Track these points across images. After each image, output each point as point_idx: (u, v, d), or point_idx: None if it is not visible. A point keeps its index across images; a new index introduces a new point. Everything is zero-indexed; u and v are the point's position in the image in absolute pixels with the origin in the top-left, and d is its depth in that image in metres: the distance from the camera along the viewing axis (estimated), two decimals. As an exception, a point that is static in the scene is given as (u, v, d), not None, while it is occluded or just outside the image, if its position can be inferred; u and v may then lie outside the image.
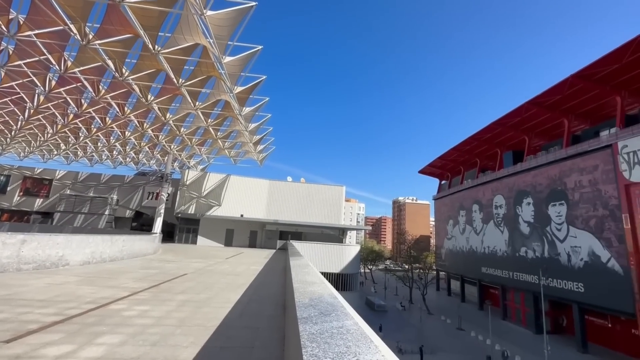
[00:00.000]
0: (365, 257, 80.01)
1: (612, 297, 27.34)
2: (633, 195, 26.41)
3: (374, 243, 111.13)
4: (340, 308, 2.30)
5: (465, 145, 53.58)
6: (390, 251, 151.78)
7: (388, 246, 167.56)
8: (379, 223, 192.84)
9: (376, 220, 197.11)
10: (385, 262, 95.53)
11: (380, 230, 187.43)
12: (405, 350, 28.85)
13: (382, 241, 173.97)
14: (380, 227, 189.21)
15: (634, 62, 27.36)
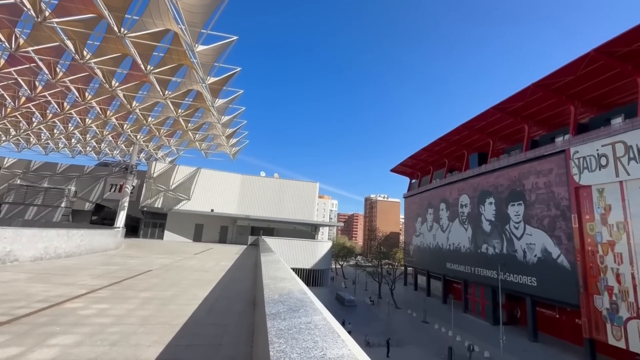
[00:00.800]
0: (337, 253, 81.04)
1: (560, 290, 29.80)
2: (581, 197, 28.84)
3: (346, 239, 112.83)
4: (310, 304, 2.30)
5: (435, 146, 55.65)
6: (361, 247, 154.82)
7: (359, 242, 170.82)
8: (351, 220, 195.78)
9: (348, 217, 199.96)
10: (356, 258, 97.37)
11: (352, 227, 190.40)
12: (373, 343, 29.66)
13: (354, 237, 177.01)
14: (352, 224, 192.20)
15: (586, 75, 29.72)
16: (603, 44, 26.58)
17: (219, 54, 17.81)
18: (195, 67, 18.31)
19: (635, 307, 23.66)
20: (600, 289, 26.34)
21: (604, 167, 26.83)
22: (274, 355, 1.34)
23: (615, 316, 25.00)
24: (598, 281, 26.56)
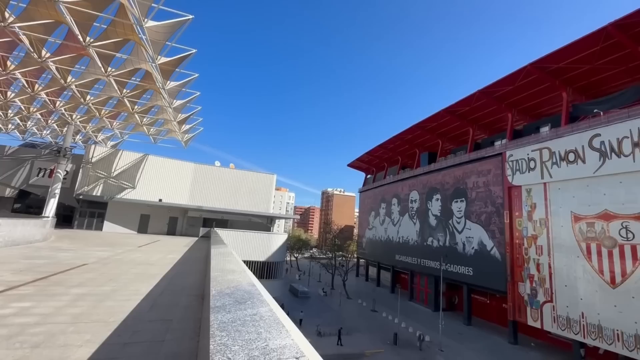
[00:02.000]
0: (292, 246, 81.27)
1: (492, 279, 33.21)
2: (513, 195, 32.25)
3: (302, 232, 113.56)
4: (257, 296, 2.26)
5: (390, 143, 58.06)
6: (316, 240, 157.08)
7: (315, 235, 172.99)
8: (307, 212, 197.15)
9: (305, 210, 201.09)
10: (311, 251, 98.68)
11: (308, 220, 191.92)
12: (324, 333, 30.44)
13: (310, 230, 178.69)
14: (308, 217, 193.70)
15: (522, 86, 33.02)
16: (537, 60, 29.67)
17: (171, 32, 16.54)
18: (144, 45, 16.82)
19: (550, 293, 27.28)
20: (523, 277, 29.87)
21: (532, 169, 30.24)
22: (214, 349, 1.29)
23: (534, 300, 28.59)
24: (522, 270, 30.08)
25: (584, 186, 25.98)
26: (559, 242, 27.28)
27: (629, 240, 22.69)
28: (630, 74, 27.50)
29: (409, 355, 26.57)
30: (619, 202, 23.56)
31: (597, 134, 25.29)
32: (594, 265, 24.55)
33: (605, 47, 25.89)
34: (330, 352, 26.17)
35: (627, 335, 21.93)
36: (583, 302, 24.82)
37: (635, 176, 22.86)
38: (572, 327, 25.26)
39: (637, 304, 21.71)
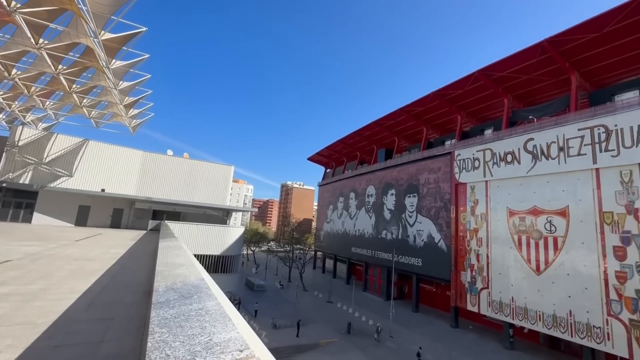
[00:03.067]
0: (249, 239, 79.83)
1: (438, 269, 35.78)
2: (459, 192, 34.87)
3: (259, 225, 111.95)
4: (205, 290, 2.18)
5: (349, 139, 59.27)
6: (274, 233, 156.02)
7: (273, 228, 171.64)
8: (266, 205, 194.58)
9: (264, 203, 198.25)
10: (269, 244, 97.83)
11: (266, 213, 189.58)
12: (280, 325, 30.53)
13: (268, 223, 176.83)
14: (267, 210, 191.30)
15: (471, 91, 35.59)
16: (484, 67, 32.11)
17: (117, 5, 15.04)
18: (84, 16, 15.09)
19: (487, 280, 30.17)
20: (465, 266, 32.62)
21: (477, 168, 32.92)
22: (152, 346, 1.21)
23: (473, 287, 31.41)
24: (465, 260, 32.82)
25: (519, 184, 28.95)
26: (496, 234, 30.18)
27: (552, 233, 25.85)
28: (559, 86, 30.99)
29: (361, 342, 27.74)
30: (546, 199, 26.66)
31: (531, 138, 28.25)
32: (523, 255, 27.59)
33: (540, 60, 28.82)
34: (286, 344, 26.37)
35: (547, 315, 25.11)
36: (513, 287, 27.84)
37: (559, 177, 26.00)
38: (504, 310, 28.26)
39: (555, 288, 24.90)
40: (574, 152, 25.09)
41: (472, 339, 29.92)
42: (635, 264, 20.98)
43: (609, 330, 21.57)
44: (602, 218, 22.99)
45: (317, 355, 24.69)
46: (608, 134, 23.26)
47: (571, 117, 26.19)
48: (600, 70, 28.35)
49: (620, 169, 22.47)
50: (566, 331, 23.83)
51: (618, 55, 26.42)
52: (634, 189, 21.67)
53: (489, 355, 26.21)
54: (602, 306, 22.13)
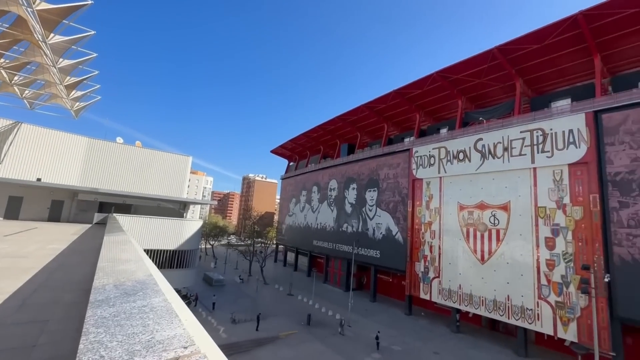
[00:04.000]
0: (208, 233, 77.13)
1: (395, 260, 37.51)
2: (416, 187, 36.67)
3: (219, 218, 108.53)
4: (152, 286, 2.05)
5: (313, 132, 59.36)
6: (235, 226, 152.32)
7: (234, 221, 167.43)
8: (226, 198, 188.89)
9: (224, 196, 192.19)
10: (229, 237, 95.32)
11: (227, 206, 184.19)
12: (239, 320, 30.05)
13: (228, 217, 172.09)
14: (227, 203, 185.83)
15: (429, 91, 37.35)
16: (443, 69, 33.81)
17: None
18: (16, -19, 13.26)
19: (438, 270, 32.28)
20: (419, 257, 34.57)
21: (432, 165, 34.81)
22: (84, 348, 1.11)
23: (426, 277, 33.45)
24: (419, 252, 34.76)
25: (468, 181, 31.17)
26: (448, 227, 32.32)
27: (495, 226, 28.29)
28: (506, 91, 33.69)
29: (321, 333, 28.31)
30: (491, 194, 29.04)
31: (480, 138, 30.48)
32: (470, 246, 29.90)
33: (490, 66, 31.04)
34: (245, 338, 26.05)
35: (488, 300, 27.58)
36: (461, 276, 30.12)
37: (503, 174, 28.43)
38: (452, 297, 30.51)
39: (497, 276, 27.39)
40: (516, 152, 27.55)
41: (423, 325, 31.96)
42: (562, 253, 23.76)
43: (539, 311, 24.29)
44: (537, 212, 25.64)
45: (276, 348, 24.74)
46: (545, 136, 25.85)
47: (515, 120, 28.68)
48: (540, 78, 31.30)
49: (553, 169, 25.15)
50: (504, 314, 26.39)
51: (555, 66, 29.33)
52: (564, 186, 24.41)
53: (437, 339, 28.21)
54: (534, 290, 24.81)
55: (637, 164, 21.32)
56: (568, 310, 22.75)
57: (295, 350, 24.44)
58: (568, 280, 23.12)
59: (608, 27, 24.39)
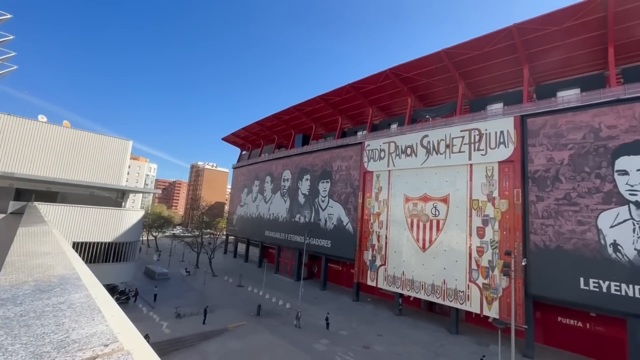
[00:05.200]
0: (151, 224, 71.97)
1: (345, 249, 38.81)
2: (367, 179, 38.08)
3: (164, 208, 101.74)
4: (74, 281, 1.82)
5: (268, 121, 58.10)
6: (182, 217, 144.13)
7: (180, 212, 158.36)
8: (172, 187, 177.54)
9: (170, 184, 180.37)
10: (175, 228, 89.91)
11: (172, 195, 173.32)
12: (185, 314, 28.72)
13: (174, 206, 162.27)
14: (173, 192, 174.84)
15: (382, 87, 38.70)
16: (395, 66, 35.19)
17: None
18: None
19: (384, 258, 34.17)
20: (368, 246, 36.20)
21: (382, 159, 36.37)
22: (-25, 354, 0.94)
23: (373, 264, 35.21)
24: (368, 241, 36.37)
25: (414, 175, 33.22)
26: (394, 217, 34.24)
27: (436, 216, 30.68)
28: (450, 92, 36.27)
29: (270, 322, 28.36)
30: (434, 188, 31.34)
31: (426, 134, 32.55)
32: (413, 235, 32.09)
33: (438, 67, 33.09)
34: (191, 332, 25.04)
35: (427, 284, 30.02)
36: (404, 263, 32.27)
37: (444, 169, 30.80)
38: (396, 283, 32.61)
39: (435, 262, 29.86)
40: (456, 149, 29.98)
41: (369, 310, 33.75)
42: (490, 241, 26.68)
43: (469, 293, 27.12)
44: (471, 204, 28.34)
45: (224, 340, 24.23)
46: (480, 136, 28.49)
47: (456, 120, 31.11)
48: (479, 82, 34.23)
49: (486, 166, 27.92)
50: (440, 296, 28.98)
51: (492, 72, 32.27)
52: (494, 181, 27.27)
53: (381, 322, 30.05)
54: (466, 274, 27.58)
55: (551, 163, 24.61)
56: (492, 291, 25.75)
57: (244, 341, 24.18)
58: (494, 265, 26.11)
59: (536, 41, 27.45)
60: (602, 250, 21.62)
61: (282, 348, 23.33)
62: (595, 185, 22.50)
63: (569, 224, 23.17)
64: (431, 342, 25.98)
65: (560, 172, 24.12)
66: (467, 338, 27.11)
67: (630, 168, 21.36)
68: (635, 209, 20.85)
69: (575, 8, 24.09)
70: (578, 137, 23.73)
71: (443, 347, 25.13)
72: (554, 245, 23.58)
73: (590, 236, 22.23)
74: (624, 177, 21.51)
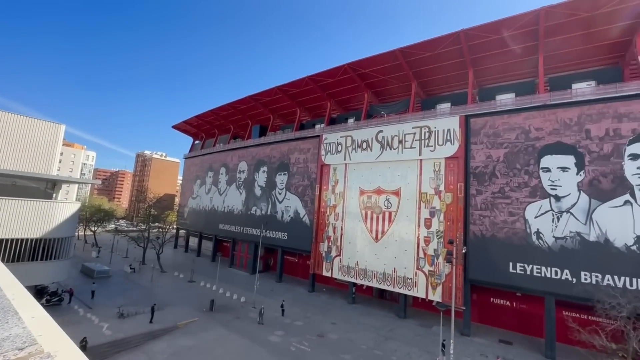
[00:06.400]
0: (89, 218, 65.48)
1: (302, 241, 39.07)
2: (324, 172, 38.52)
3: (104, 200, 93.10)
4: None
5: (223, 110, 55.67)
6: (125, 210, 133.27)
7: (124, 204, 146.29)
8: (114, 177, 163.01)
9: (111, 174, 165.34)
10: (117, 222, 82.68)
11: (115, 186, 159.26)
12: (128, 313, 26.77)
13: (117, 199, 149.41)
14: (116, 182, 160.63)
15: (340, 81, 39.11)
16: (353, 62, 35.72)
17: None
18: None
19: (339, 249, 35.10)
20: (324, 238, 36.85)
21: (339, 152, 37.01)
22: None
23: (329, 256, 35.99)
24: (324, 233, 37.00)
25: (369, 168, 34.38)
26: (350, 210, 35.22)
27: (389, 209, 32.18)
28: (404, 90, 37.89)
29: (224, 317, 27.67)
30: (387, 181, 32.76)
31: (381, 130, 33.76)
32: (367, 227, 33.36)
33: (393, 65, 34.32)
34: (136, 332, 23.46)
35: (379, 273, 31.54)
36: (359, 253, 33.48)
37: (397, 164, 32.31)
38: (350, 273, 33.75)
39: (387, 252, 31.42)
40: (408, 145, 31.58)
41: (324, 300, 34.56)
42: (436, 231, 28.75)
43: (417, 279, 29.07)
44: (420, 197, 30.19)
45: (173, 338, 23.12)
46: (430, 133, 30.32)
47: (409, 117, 32.70)
48: (431, 82, 36.24)
49: (434, 161, 29.86)
50: (391, 284, 30.66)
51: (442, 73, 34.34)
52: (441, 176, 29.31)
53: (336, 310, 30.99)
54: (414, 262, 29.47)
55: (489, 160, 27.11)
56: (437, 277, 27.90)
57: (195, 338, 23.32)
58: (438, 253, 28.24)
59: (480, 47, 29.74)
60: (527, 238, 24.51)
61: (236, 342, 22.95)
62: (524, 181, 25.32)
63: (502, 215, 25.85)
64: (381, 327, 27.47)
65: (496, 169, 26.70)
66: (414, 321, 29.15)
67: (552, 166, 24.38)
68: (555, 202, 23.92)
69: (512, 19, 26.51)
70: (512, 137, 26.41)
71: (392, 331, 26.72)
72: (489, 234, 26.18)
73: (519, 226, 25.05)
74: (547, 174, 24.50)
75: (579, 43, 27.06)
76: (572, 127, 24.00)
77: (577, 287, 22.00)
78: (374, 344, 23.85)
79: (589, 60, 28.68)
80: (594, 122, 23.24)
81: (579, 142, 23.57)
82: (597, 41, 26.66)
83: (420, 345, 23.98)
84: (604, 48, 27.41)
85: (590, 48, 27.43)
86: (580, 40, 26.78)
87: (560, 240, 23.29)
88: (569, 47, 27.53)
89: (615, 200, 21.84)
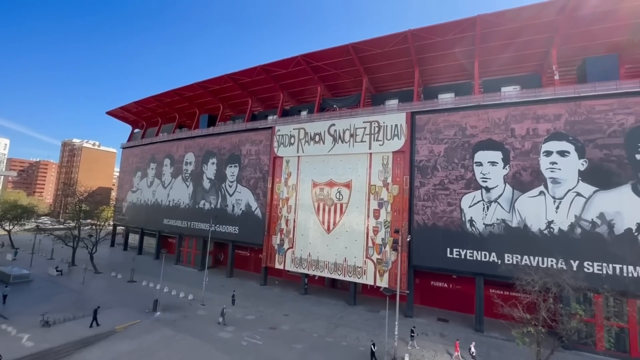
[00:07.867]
0: (2, 215, 56.62)
1: (254, 235, 38.36)
2: (276, 164, 38.05)
3: (22, 195, 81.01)
4: None
5: (167, 97, 51.71)
6: (50, 206, 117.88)
7: (47, 199, 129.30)
8: (35, 168, 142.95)
9: (30, 165, 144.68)
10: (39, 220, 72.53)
11: (36, 179, 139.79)
12: (55, 321, 23.84)
13: (39, 193, 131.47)
14: (36, 174, 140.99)
15: (293, 73, 38.65)
16: (306, 54, 35.47)
17: None
18: None
19: (292, 241, 35.19)
20: (276, 231, 36.60)
21: (292, 145, 36.81)
22: None
23: (281, 248, 35.90)
24: (276, 226, 36.73)
25: (322, 161, 34.80)
26: (303, 202, 35.40)
27: (340, 200, 33.02)
28: (356, 85, 38.84)
29: (170, 317, 26.16)
30: (338, 174, 33.52)
31: (333, 123, 34.28)
32: (320, 219, 33.91)
33: (346, 60, 34.89)
34: (66, 341, 21.00)
35: (330, 263, 32.38)
36: (311, 245, 33.93)
37: (348, 157, 33.18)
38: (302, 264, 34.10)
39: (338, 242, 32.32)
40: (359, 139, 32.58)
41: (276, 292, 34.52)
42: (384, 221, 30.30)
43: (366, 268, 30.44)
44: (370, 189, 31.48)
45: (111, 344, 21.23)
46: (379, 128, 31.60)
47: (360, 111, 33.69)
48: (381, 79, 37.66)
49: (383, 155, 31.27)
50: (342, 273, 31.69)
51: (390, 70, 35.85)
52: (388, 169, 30.82)
53: (288, 302, 31.17)
54: (363, 252, 30.78)
55: (431, 155, 29.21)
56: (384, 264, 29.54)
57: (136, 341, 21.69)
58: (386, 242, 29.85)
59: (425, 47, 31.58)
60: (462, 225, 27.09)
61: (183, 342, 21.87)
62: (461, 174, 27.81)
63: (442, 205, 28.16)
64: (332, 315, 28.34)
65: (437, 162, 28.89)
66: (363, 307, 30.59)
67: (483, 160, 27.11)
68: (485, 193, 26.71)
69: (454, 24, 28.58)
70: (451, 133, 28.73)
71: (342, 318, 27.74)
72: (431, 223, 28.38)
73: (455, 215, 27.53)
74: (479, 168, 27.19)
75: (508, 50, 30.20)
76: (501, 126, 26.88)
77: (502, 267, 24.98)
78: (325, 332, 24.54)
79: (516, 66, 32.22)
80: (518, 122, 26.30)
81: (506, 140, 26.52)
82: (522, 50, 30.02)
83: (368, 329, 25.27)
84: (528, 56, 31.00)
85: (516, 55, 30.78)
86: (509, 47, 29.90)
87: (489, 226, 26.17)
88: (500, 53, 30.57)
89: (533, 191, 25.11)
